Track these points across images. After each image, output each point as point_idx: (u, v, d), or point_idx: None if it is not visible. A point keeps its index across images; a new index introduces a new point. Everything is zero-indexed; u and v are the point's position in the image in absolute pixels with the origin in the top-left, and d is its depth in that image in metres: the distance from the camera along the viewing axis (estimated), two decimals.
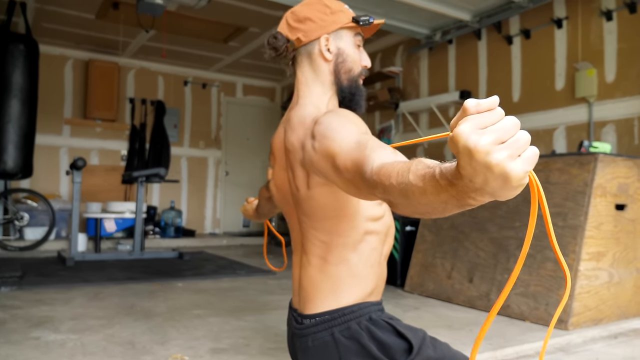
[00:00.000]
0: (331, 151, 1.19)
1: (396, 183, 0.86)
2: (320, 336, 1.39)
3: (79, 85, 8.01)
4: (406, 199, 0.85)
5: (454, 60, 6.35)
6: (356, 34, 1.51)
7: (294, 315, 1.51)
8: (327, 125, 1.26)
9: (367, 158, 1.03)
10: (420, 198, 0.81)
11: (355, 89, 1.50)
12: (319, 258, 1.42)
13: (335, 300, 1.40)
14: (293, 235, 1.54)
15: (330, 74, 1.48)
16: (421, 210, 0.87)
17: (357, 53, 1.51)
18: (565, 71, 5.12)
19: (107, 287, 4.07)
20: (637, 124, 4.51)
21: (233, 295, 3.81)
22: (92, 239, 6.58)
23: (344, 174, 1.14)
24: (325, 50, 1.46)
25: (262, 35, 7.14)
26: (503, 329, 2.84)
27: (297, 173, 1.39)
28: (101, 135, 8.16)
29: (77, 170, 5.51)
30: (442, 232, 3.84)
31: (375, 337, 1.37)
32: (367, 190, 1.04)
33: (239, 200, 9.31)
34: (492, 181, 0.66)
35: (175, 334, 2.71)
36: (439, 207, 0.81)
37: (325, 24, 1.47)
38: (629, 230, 3.22)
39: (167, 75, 8.76)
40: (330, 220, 1.38)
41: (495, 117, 0.66)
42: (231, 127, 9.41)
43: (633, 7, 4.58)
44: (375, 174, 0.95)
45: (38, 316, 3.04)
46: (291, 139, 1.41)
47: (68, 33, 7.22)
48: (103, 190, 7.72)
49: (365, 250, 1.42)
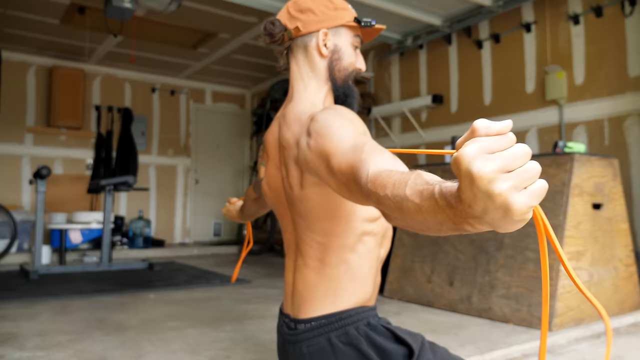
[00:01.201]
0: (326, 151, 1.13)
1: (391, 195, 0.80)
2: (316, 342, 1.33)
3: (42, 93, 7.78)
4: (400, 213, 0.79)
5: (425, 64, 6.37)
6: (355, 35, 1.48)
7: (285, 321, 1.44)
8: (323, 123, 1.20)
9: (363, 162, 0.96)
10: (415, 215, 0.76)
11: (347, 89, 1.47)
12: (317, 260, 1.36)
13: (332, 303, 1.34)
14: (286, 237, 1.47)
15: (325, 70, 1.44)
16: (415, 227, 0.81)
17: (353, 54, 1.48)
18: (535, 74, 5.17)
19: (74, 300, 3.92)
20: (607, 124, 4.57)
21: (208, 306, 3.71)
22: (56, 250, 6.36)
23: (338, 177, 1.08)
24: (322, 44, 1.43)
25: (231, 41, 7.06)
26: (488, 332, 2.81)
27: (291, 171, 1.33)
28: (66, 143, 7.94)
29: (41, 180, 5.33)
30: (420, 236, 3.81)
31: (375, 343, 1.31)
32: (360, 197, 0.98)
33: (209, 209, 9.19)
34: (492, 211, 0.60)
35: (150, 348, 2.60)
36: (433, 227, 0.75)
37: (326, 18, 1.43)
38: (606, 230, 3.24)
39: (135, 82, 8.60)
40: (325, 221, 1.33)
41: (506, 142, 0.61)
42: (201, 134, 9.28)
43: (599, 11, 4.65)
44: (370, 182, 0.89)
45: (1, 333, 2.88)
46: (286, 135, 1.36)
47: (31, 39, 7.02)
48: (68, 201, 7.51)
49: (364, 252, 1.36)
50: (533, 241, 3.07)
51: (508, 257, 3.16)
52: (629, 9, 4.46)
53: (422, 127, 6.28)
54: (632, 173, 4.40)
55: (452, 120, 5.96)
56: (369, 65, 7.09)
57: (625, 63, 4.49)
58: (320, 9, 1.43)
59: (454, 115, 5.96)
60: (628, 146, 4.44)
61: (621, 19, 4.53)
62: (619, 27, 4.55)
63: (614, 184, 3.36)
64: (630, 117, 4.44)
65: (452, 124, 5.94)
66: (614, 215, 3.32)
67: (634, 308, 3.29)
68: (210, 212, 9.24)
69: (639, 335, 2.83)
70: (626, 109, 4.46)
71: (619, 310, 3.19)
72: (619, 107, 4.51)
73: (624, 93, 4.48)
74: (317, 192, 1.30)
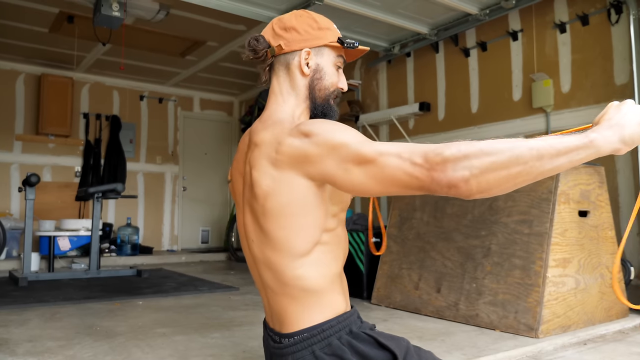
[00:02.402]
0: (339, 142, 1.20)
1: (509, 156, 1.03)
2: (300, 355, 1.34)
3: (31, 101, 7.79)
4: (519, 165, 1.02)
5: (413, 72, 6.42)
6: (339, 55, 1.50)
7: (270, 335, 1.45)
8: (319, 124, 1.27)
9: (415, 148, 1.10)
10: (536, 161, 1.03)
11: (327, 108, 1.48)
12: (275, 281, 1.37)
13: (309, 318, 1.35)
14: (248, 260, 1.50)
15: (305, 89, 1.46)
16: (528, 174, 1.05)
17: (335, 74, 1.49)
18: (522, 82, 5.22)
19: (64, 307, 3.90)
20: None
21: (197, 312, 3.71)
22: (45, 257, 6.35)
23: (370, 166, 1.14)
24: (304, 63, 1.45)
25: (220, 49, 7.08)
26: (474, 339, 2.83)
27: (256, 169, 1.33)
28: (54, 151, 7.93)
29: (30, 187, 5.32)
30: (408, 243, 3.82)
31: (358, 351, 1.32)
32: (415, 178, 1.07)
33: (197, 216, 9.19)
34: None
35: (139, 354, 2.60)
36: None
37: (309, 37, 1.45)
38: (592, 237, 3.27)
39: (123, 90, 8.60)
40: (281, 230, 1.32)
41: None
42: (188, 142, 9.29)
43: (585, 19, 4.71)
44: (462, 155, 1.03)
45: None
46: (262, 134, 1.37)
47: (20, 47, 7.03)
48: (56, 208, 7.50)
49: (319, 264, 1.35)
50: (520, 248, 3.09)
51: (495, 264, 3.19)
52: (615, 17, 4.52)
53: (409, 134, 6.32)
54: (618, 180, 4.46)
55: (440, 127, 6.00)
56: (356, 73, 7.12)
57: (612, 71, 4.55)
58: (305, 28, 1.45)
59: (442, 123, 6.00)
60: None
61: (607, 27, 4.59)
62: (605, 35, 4.61)
63: (600, 192, 3.39)
64: None
65: (439, 131, 5.98)
66: (600, 223, 3.35)
67: (621, 315, 3.32)
68: (198, 219, 9.23)
69: (626, 342, 2.86)
70: None
71: (605, 317, 3.22)
72: None
73: (610, 101, 4.51)
74: (279, 193, 1.29)
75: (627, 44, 4.41)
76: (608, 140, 1.06)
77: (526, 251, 3.07)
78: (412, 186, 1.09)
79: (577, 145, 1.04)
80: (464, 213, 3.49)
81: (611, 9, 4.54)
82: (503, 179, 1.02)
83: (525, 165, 1.02)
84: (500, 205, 3.31)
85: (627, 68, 4.43)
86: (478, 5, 5.24)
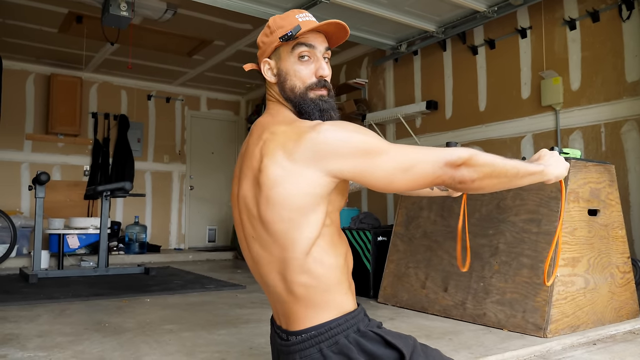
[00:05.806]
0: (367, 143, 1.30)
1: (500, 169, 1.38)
2: (308, 353, 1.34)
3: (40, 100, 7.85)
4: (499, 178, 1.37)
5: (420, 71, 6.39)
6: (295, 45, 1.47)
7: (277, 332, 1.45)
8: (339, 125, 1.33)
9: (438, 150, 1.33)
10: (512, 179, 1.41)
11: (303, 104, 1.47)
12: (280, 280, 1.37)
13: (316, 316, 1.35)
14: (245, 255, 1.50)
15: (279, 94, 1.51)
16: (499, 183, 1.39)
17: (302, 68, 1.47)
18: (531, 80, 5.18)
19: (73, 303, 3.92)
20: (604, 130, 4.58)
21: (203, 310, 3.71)
22: (54, 255, 6.41)
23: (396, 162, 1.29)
24: (269, 74, 1.51)
25: (226, 49, 7.08)
26: (482, 338, 2.81)
27: (270, 158, 1.33)
28: (63, 150, 7.98)
29: (40, 185, 5.36)
30: (414, 242, 3.81)
31: (366, 350, 1.32)
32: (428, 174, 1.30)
33: (204, 215, 9.21)
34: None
35: (147, 350, 2.60)
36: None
37: (265, 48, 1.51)
38: (602, 236, 3.23)
39: (131, 90, 8.63)
40: (282, 222, 1.32)
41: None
42: (195, 141, 9.31)
43: (596, 15, 4.67)
44: (474, 161, 1.33)
45: (3, 334, 2.90)
46: (278, 127, 1.39)
47: (30, 47, 7.07)
48: (65, 206, 7.56)
49: (324, 260, 1.35)
50: (528, 247, 3.07)
51: (502, 263, 3.17)
52: (626, 13, 4.47)
53: (416, 133, 6.29)
54: (629, 179, 4.41)
55: (447, 126, 5.98)
56: (363, 72, 7.11)
57: (623, 68, 4.50)
58: (262, 39, 1.52)
59: (449, 122, 5.97)
60: (625, 152, 4.44)
61: (618, 23, 4.54)
62: (616, 31, 4.56)
63: (611, 190, 3.36)
64: (628, 123, 4.44)
65: (446, 130, 5.95)
66: (611, 222, 3.32)
67: (631, 316, 3.28)
68: (205, 218, 9.25)
69: (636, 342, 2.83)
70: (623, 115, 4.46)
71: (615, 317, 3.18)
72: (616, 113, 4.51)
73: (621, 98, 4.49)
74: (288, 182, 1.30)
75: (639, 41, 4.37)
76: (551, 173, 1.49)
77: (534, 250, 3.04)
78: (435, 183, 1.33)
79: (536, 171, 1.46)
80: (471, 212, 3.47)
81: (622, 5, 4.48)
82: (493, 184, 1.37)
83: (507, 178, 1.38)
84: (509, 204, 3.28)
85: (639, 65, 4.39)
86: (486, 2, 5.21)
